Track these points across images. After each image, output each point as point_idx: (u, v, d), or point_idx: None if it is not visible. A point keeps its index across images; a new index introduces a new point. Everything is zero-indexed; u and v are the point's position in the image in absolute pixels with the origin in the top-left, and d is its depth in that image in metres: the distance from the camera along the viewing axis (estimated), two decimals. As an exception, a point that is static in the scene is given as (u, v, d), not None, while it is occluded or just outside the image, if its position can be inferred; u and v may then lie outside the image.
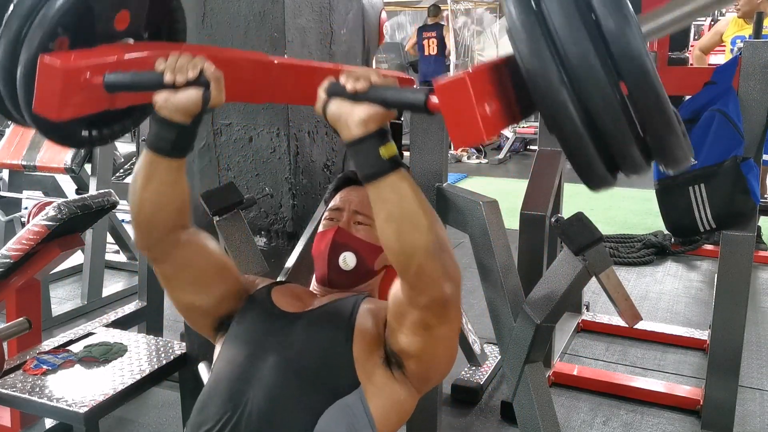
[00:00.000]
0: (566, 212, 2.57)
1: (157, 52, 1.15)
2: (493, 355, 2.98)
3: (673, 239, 4.67)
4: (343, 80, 1.03)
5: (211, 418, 1.18)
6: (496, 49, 10.48)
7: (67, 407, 1.99)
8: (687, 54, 6.32)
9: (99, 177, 3.59)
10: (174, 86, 1.05)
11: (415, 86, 1.86)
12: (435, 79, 0.98)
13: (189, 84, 1.05)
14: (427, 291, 1.09)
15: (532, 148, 7.16)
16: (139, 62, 1.17)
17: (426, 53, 8.90)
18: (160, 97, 1.06)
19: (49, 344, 2.41)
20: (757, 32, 2.93)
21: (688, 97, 2.67)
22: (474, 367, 2.92)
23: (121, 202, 2.64)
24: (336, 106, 1.03)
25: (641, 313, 1.63)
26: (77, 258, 3.97)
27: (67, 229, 2.46)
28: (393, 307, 1.19)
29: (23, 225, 2.61)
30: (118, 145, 4.69)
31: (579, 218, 1.59)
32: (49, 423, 2.55)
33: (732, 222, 2.38)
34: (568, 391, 2.96)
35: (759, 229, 4.35)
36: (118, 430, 2.69)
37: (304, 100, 1.91)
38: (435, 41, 8.80)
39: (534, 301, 1.65)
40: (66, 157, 3.37)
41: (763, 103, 2.35)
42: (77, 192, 4.11)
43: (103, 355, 2.29)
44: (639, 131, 0.96)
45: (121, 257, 4.53)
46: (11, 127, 3.55)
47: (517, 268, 1.81)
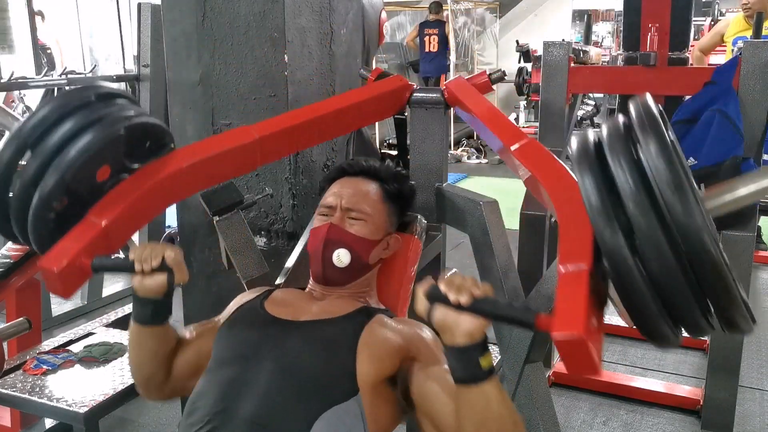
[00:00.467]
0: (566, 212, 2.56)
1: (125, 207, 1.32)
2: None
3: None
4: (443, 288, 1.04)
5: (200, 419, 1.18)
6: (496, 49, 10.48)
7: (67, 407, 1.99)
8: (687, 54, 6.29)
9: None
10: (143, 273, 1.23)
11: (415, 86, 1.85)
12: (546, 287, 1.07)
13: (154, 271, 1.23)
14: None
15: (532, 148, 7.13)
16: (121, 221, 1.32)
17: (426, 50, 8.86)
18: (136, 281, 1.25)
19: (49, 344, 2.42)
20: (757, 32, 2.93)
21: (688, 97, 2.67)
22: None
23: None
24: (441, 315, 1.05)
25: (641, 314, 1.62)
26: (77, 258, 3.96)
27: (68, 230, 2.46)
28: (430, 408, 1.19)
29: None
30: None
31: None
32: (49, 423, 2.55)
33: (732, 222, 2.38)
34: (568, 391, 2.96)
35: (759, 229, 4.34)
36: (118, 430, 2.69)
37: (301, 147, 1.95)
38: (436, 38, 8.76)
39: (534, 301, 1.65)
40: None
41: (763, 103, 2.35)
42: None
43: (103, 355, 2.29)
44: (708, 307, 0.99)
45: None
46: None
47: (517, 268, 1.81)
